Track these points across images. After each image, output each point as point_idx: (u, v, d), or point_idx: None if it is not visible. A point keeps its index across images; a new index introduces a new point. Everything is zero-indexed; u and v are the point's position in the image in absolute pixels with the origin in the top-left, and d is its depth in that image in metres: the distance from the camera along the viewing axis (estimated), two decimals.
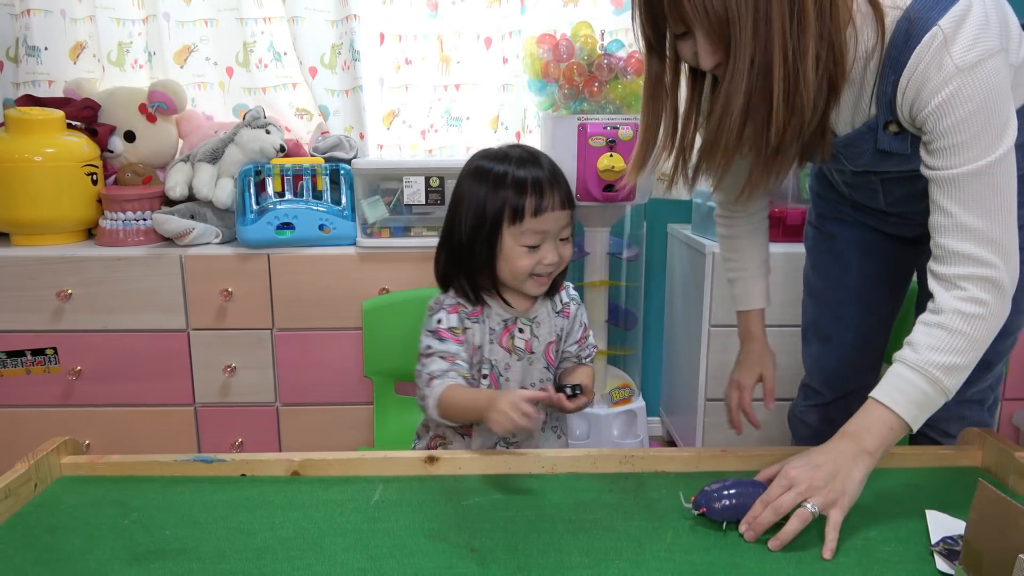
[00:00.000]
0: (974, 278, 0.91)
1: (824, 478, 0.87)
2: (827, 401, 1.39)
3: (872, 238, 1.30)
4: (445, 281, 1.20)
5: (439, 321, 1.15)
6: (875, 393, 0.93)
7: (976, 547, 0.74)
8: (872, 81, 0.96)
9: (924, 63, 0.88)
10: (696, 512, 0.89)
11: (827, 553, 0.83)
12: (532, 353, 1.20)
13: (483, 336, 1.17)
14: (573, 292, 1.27)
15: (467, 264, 1.15)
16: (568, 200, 1.13)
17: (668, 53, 0.99)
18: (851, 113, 1.02)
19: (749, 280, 1.32)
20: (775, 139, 0.93)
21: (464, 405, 1.09)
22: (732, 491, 0.88)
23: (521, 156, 1.13)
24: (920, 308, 1.30)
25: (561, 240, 1.14)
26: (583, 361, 1.28)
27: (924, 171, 0.95)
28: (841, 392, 1.37)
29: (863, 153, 1.05)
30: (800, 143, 0.96)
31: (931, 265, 0.95)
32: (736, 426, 1.28)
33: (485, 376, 1.18)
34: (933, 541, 0.85)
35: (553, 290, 1.22)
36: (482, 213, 1.10)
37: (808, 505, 0.85)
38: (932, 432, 1.26)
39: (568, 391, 1.07)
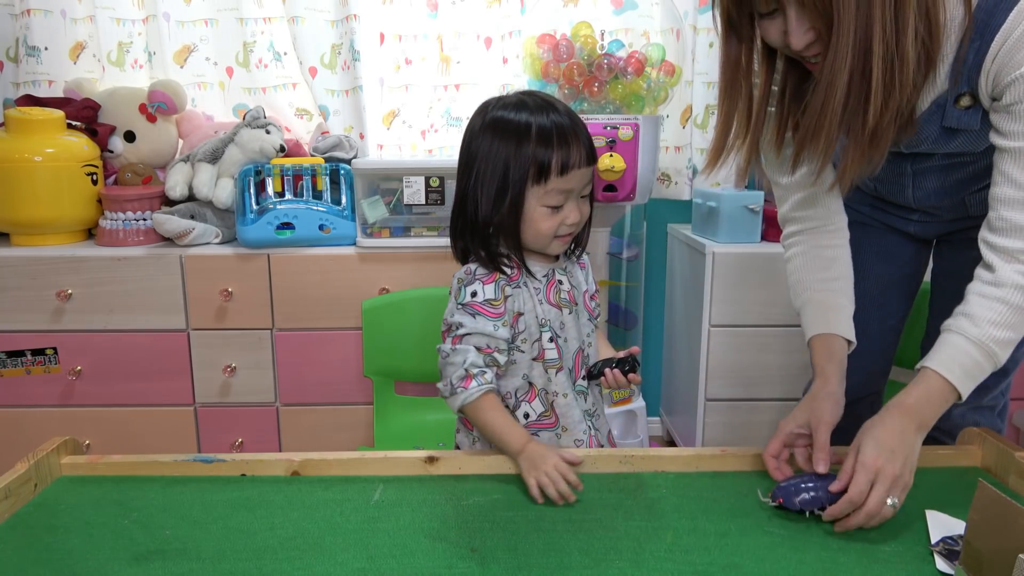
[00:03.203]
0: None
1: (900, 465, 0.88)
2: None
3: (888, 242, 1.28)
4: (467, 253, 1.11)
5: (473, 294, 1.04)
6: (933, 365, 0.93)
7: (976, 547, 0.74)
8: (952, 53, 0.95)
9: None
10: (773, 504, 0.91)
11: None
12: (577, 305, 1.13)
13: (531, 298, 1.08)
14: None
15: (484, 230, 1.05)
16: (592, 154, 1.04)
17: (746, 32, 0.97)
18: (923, 91, 0.99)
19: (817, 304, 1.13)
20: (873, 120, 0.91)
21: (491, 431, 1.02)
22: (810, 483, 0.90)
23: (539, 104, 1.03)
24: (933, 311, 1.30)
25: (582, 197, 1.07)
26: (596, 323, 1.20)
27: (1000, 141, 0.93)
28: (852, 398, 1.36)
29: (926, 138, 1.03)
30: (897, 123, 0.95)
31: (990, 237, 0.95)
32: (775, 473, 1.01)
33: (551, 340, 1.09)
34: (933, 541, 0.85)
35: (577, 244, 1.15)
36: (505, 173, 1.01)
37: (890, 501, 0.86)
38: (945, 438, 1.26)
39: (627, 367, 1.09)
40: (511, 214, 1.03)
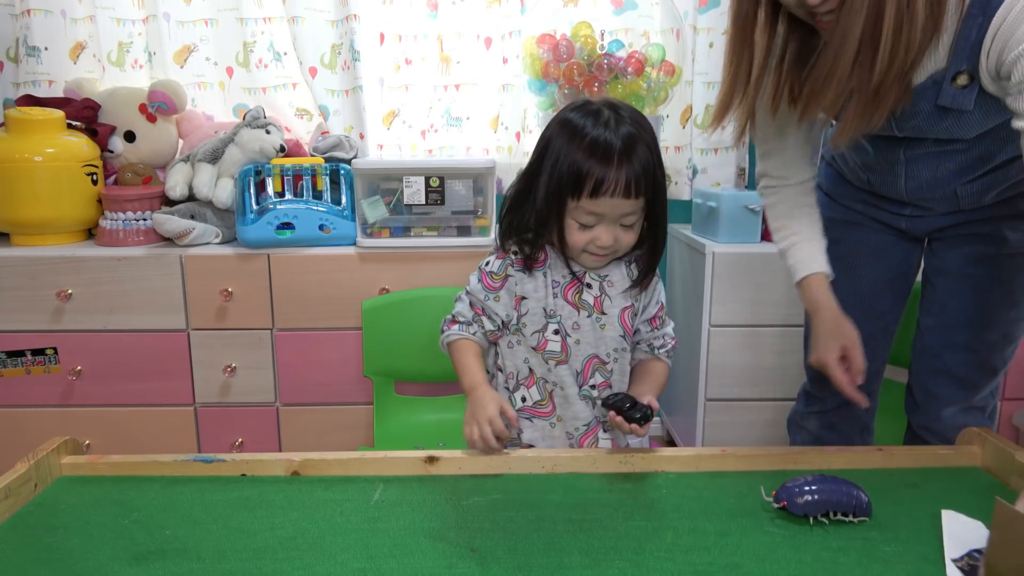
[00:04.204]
0: None
1: None
2: (828, 408, 1.38)
3: (880, 241, 1.29)
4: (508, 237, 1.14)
5: (487, 263, 1.14)
6: None
7: (999, 569, 0.73)
8: (953, 28, 0.96)
9: None
10: (776, 506, 0.90)
11: None
12: (604, 314, 1.11)
13: (542, 287, 1.10)
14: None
15: (531, 218, 1.07)
16: (636, 187, 1.00)
17: None
18: (921, 65, 1.01)
19: (804, 243, 1.20)
20: (878, 77, 0.94)
21: (457, 369, 1.13)
22: (814, 486, 0.89)
23: (609, 118, 1.02)
24: (924, 309, 1.30)
25: (623, 226, 1.04)
26: (656, 353, 1.16)
27: (1021, 124, 0.94)
28: (843, 399, 1.37)
29: (918, 113, 1.05)
30: (900, 84, 0.97)
31: None
32: (858, 400, 1.12)
33: (556, 333, 1.10)
34: (954, 552, 0.82)
35: (649, 269, 1.12)
36: (554, 171, 1.02)
37: None
38: (934, 439, 1.26)
39: (638, 415, 0.99)
40: (556, 212, 1.05)
